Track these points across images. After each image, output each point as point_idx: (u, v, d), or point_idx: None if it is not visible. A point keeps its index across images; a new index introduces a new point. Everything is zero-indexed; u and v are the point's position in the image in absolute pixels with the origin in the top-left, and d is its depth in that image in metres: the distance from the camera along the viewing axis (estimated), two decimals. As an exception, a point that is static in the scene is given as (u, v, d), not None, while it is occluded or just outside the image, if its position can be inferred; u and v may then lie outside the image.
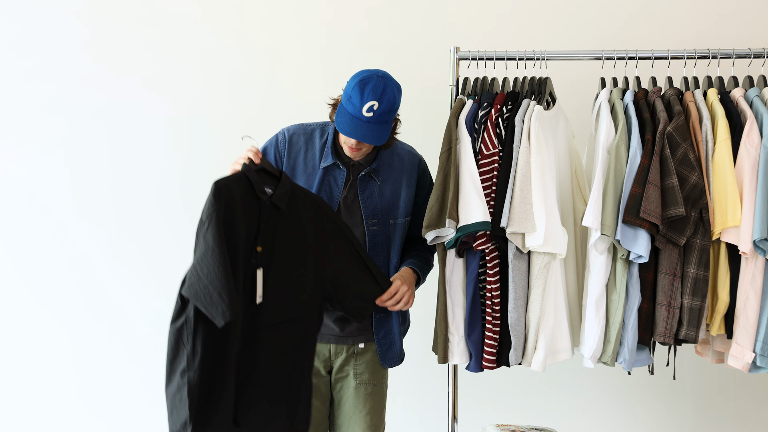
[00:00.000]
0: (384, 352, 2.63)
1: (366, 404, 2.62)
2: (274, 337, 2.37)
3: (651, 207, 2.45)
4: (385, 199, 2.61)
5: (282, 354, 2.38)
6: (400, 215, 2.62)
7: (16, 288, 3.60)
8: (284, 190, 2.40)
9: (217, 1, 3.57)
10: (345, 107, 2.42)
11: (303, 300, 2.41)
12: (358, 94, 2.38)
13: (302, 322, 2.41)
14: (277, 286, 2.38)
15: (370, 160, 2.60)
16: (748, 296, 2.52)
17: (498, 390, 3.53)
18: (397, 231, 2.63)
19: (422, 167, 2.71)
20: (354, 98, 2.39)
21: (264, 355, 2.36)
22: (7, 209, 3.59)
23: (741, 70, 2.78)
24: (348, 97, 2.42)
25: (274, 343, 2.37)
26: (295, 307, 2.40)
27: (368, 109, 2.38)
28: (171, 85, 3.57)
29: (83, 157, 3.57)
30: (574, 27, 3.49)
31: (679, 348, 2.87)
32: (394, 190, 2.62)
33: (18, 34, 3.58)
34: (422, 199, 2.66)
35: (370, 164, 2.60)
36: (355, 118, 2.40)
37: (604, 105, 2.65)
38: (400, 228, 2.63)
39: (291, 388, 2.40)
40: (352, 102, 2.40)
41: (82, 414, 3.61)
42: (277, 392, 2.38)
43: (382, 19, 3.53)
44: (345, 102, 2.43)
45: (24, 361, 3.61)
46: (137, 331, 3.59)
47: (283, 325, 2.39)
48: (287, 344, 2.39)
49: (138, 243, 3.58)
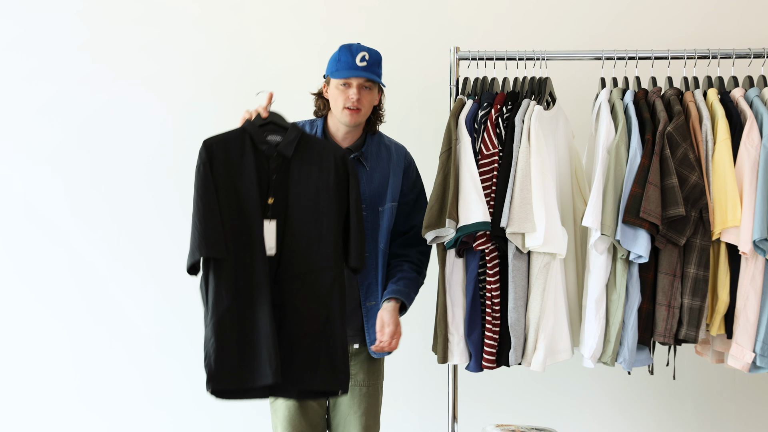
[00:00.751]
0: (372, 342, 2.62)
1: (361, 405, 2.62)
2: (298, 288, 2.40)
3: (651, 207, 2.45)
4: (374, 186, 2.63)
5: (310, 305, 2.40)
6: (387, 200, 2.64)
7: (14, 288, 3.60)
8: (290, 139, 2.44)
9: (215, 2, 3.57)
10: (337, 67, 2.57)
11: (324, 249, 2.41)
12: (347, 51, 2.57)
13: (328, 271, 2.41)
14: (295, 237, 2.41)
15: (359, 146, 2.64)
16: (748, 296, 2.52)
17: (498, 390, 3.52)
18: (385, 217, 2.64)
19: (408, 159, 2.74)
20: (344, 56, 2.57)
21: (292, 307, 2.40)
22: (6, 210, 3.58)
23: (741, 70, 2.78)
24: (337, 60, 2.58)
25: (299, 294, 2.40)
26: (316, 257, 2.41)
27: (361, 59, 2.55)
28: (169, 85, 3.56)
29: (83, 157, 3.57)
30: (575, 27, 3.49)
31: (679, 348, 2.87)
32: (383, 177, 2.64)
33: (17, 34, 3.57)
34: (408, 188, 2.69)
35: (359, 149, 2.63)
36: (351, 68, 2.54)
37: (604, 105, 2.65)
38: (388, 213, 2.64)
39: (324, 338, 2.41)
40: (343, 60, 2.56)
41: (82, 414, 3.61)
42: (312, 344, 2.40)
43: (381, 18, 3.53)
44: (335, 66, 2.58)
45: (24, 361, 3.61)
46: (136, 331, 3.59)
47: (306, 276, 2.41)
48: (314, 294, 2.41)
49: (136, 243, 3.58)
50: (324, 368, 2.40)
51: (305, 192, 2.43)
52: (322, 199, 2.42)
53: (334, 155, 2.46)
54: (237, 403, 3.59)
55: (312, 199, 2.43)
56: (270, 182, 2.42)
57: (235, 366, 2.38)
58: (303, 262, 2.41)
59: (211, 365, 2.38)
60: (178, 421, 3.60)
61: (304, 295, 2.41)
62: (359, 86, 2.55)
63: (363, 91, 2.56)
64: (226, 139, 2.43)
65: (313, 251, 2.41)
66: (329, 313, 2.41)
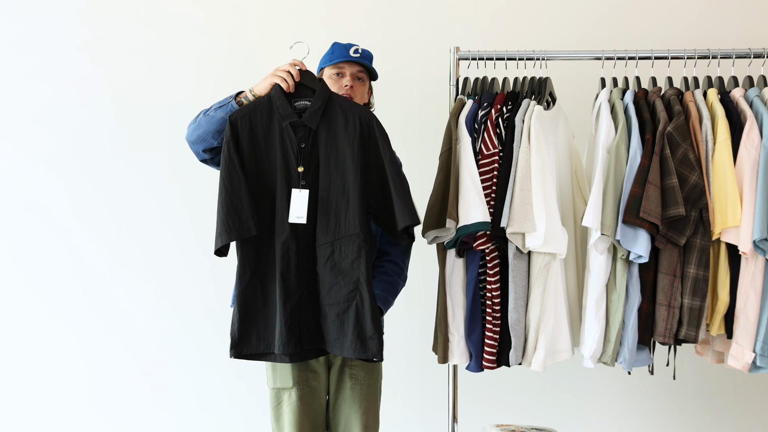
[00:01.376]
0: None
1: (362, 404, 2.62)
2: (329, 254, 2.44)
3: (651, 207, 2.45)
4: None
5: (341, 271, 2.43)
6: None
7: (17, 287, 3.60)
8: (314, 109, 2.45)
9: (215, 2, 3.58)
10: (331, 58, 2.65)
11: (351, 216, 2.43)
12: (341, 45, 2.66)
13: (354, 238, 2.42)
14: (325, 205, 2.44)
15: None
16: (748, 296, 2.52)
17: (498, 390, 3.53)
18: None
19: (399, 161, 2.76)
20: (337, 49, 2.66)
21: (324, 273, 2.44)
22: (7, 209, 3.59)
23: (741, 70, 2.78)
24: (330, 53, 2.67)
25: (330, 260, 2.44)
26: (344, 224, 2.43)
27: (354, 51, 2.64)
28: (169, 85, 3.57)
29: (82, 158, 3.57)
30: (575, 27, 3.49)
31: (679, 348, 2.87)
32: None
33: (18, 34, 3.58)
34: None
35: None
36: (345, 57, 2.63)
37: (604, 105, 2.65)
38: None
39: (354, 305, 2.43)
40: (337, 52, 2.65)
41: (84, 412, 3.61)
42: (341, 311, 2.44)
43: (381, 18, 3.54)
44: (328, 58, 2.66)
45: (26, 360, 3.61)
46: (139, 330, 3.59)
47: (336, 243, 2.44)
48: (344, 261, 2.43)
49: (138, 242, 3.58)
50: (353, 335, 2.43)
51: (333, 159, 2.45)
52: (349, 166, 2.44)
53: (360, 119, 2.46)
54: (240, 403, 3.59)
55: (340, 166, 2.45)
56: (299, 150, 2.44)
57: (255, 334, 2.46)
58: (332, 230, 2.44)
59: (234, 333, 2.46)
60: (180, 419, 3.60)
61: (333, 262, 2.44)
62: (352, 75, 2.63)
63: (356, 82, 2.64)
64: (252, 111, 2.45)
65: (341, 219, 2.44)
66: (356, 282, 2.43)
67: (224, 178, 2.41)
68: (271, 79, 2.48)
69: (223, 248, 2.44)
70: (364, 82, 2.67)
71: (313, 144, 2.46)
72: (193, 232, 3.57)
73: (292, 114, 2.44)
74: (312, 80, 2.49)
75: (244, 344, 2.46)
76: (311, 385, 2.59)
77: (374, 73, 2.70)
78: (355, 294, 2.43)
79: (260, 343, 2.46)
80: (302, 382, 2.58)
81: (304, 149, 2.45)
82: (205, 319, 3.57)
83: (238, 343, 2.46)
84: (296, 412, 2.57)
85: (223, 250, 2.45)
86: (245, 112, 2.45)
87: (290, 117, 2.44)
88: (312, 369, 2.59)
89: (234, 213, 2.39)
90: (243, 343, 2.46)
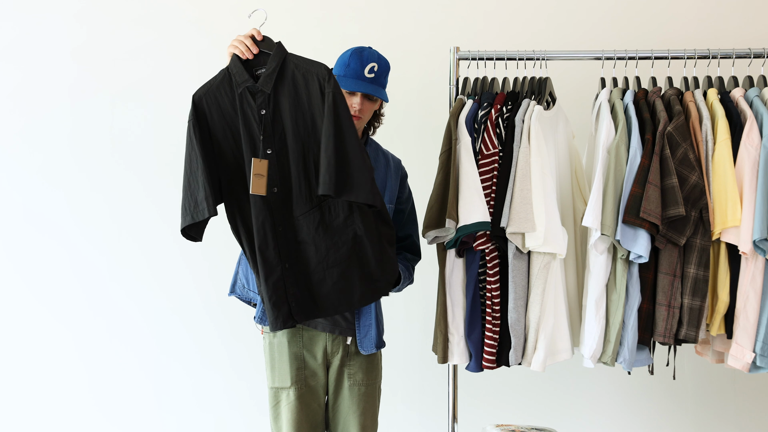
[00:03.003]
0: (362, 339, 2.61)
1: (360, 405, 2.62)
2: (315, 219, 2.38)
3: (651, 207, 2.45)
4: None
5: (335, 232, 2.38)
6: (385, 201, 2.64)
7: (16, 289, 3.60)
8: (268, 72, 2.36)
9: (213, 3, 3.57)
10: (345, 73, 2.55)
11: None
12: (358, 59, 2.54)
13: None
14: (299, 169, 2.37)
15: None
16: (748, 296, 2.52)
17: (498, 390, 3.53)
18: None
19: (404, 171, 2.76)
20: (354, 63, 2.54)
21: (318, 238, 2.38)
22: (6, 212, 3.59)
23: (741, 70, 2.78)
24: (346, 66, 2.55)
25: (318, 224, 2.38)
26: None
27: (370, 70, 2.54)
28: (168, 86, 3.56)
29: (82, 158, 3.57)
30: (575, 27, 3.49)
31: (679, 348, 2.87)
32: (380, 180, 2.64)
33: (13, 37, 3.57)
34: (404, 198, 2.72)
35: None
36: (358, 79, 2.53)
37: (604, 105, 2.65)
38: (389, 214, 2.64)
39: (355, 260, 2.40)
40: (352, 67, 2.54)
41: (84, 413, 3.61)
42: (343, 270, 2.39)
43: (379, 18, 3.53)
44: (343, 71, 2.55)
45: (26, 361, 3.61)
46: (139, 331, 3.59)
47: (324, 205, 2.38)
48: (335, 220, 2.38)
49: (138, 243, 3.58)
50: (362, 286, 2.40)
51: (302, 123, 2.37)
52: (317, 125, 2.35)
53: (317, 77, 2.34)
54: (239, 403, 3.59)
55: (306, 127, 2.37)
56: (260, 117, 2.36)
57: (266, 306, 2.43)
58: (315, 195, 2.37)
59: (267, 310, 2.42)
60: (180, 419, 3.60)
61: (325, 225, 2.38)
62: (363, 96, 2.56)
63: (365, 102, 2.57)
64: (212, 86, 2.39)
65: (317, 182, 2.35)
66: (353, 236, 2.39)
67: (185, 160, 2.36)
68: (229, 50, 2.41)
69: (190, 231, 2.39)
70: (375, 102, 2.60)
71: (275, 109, 2.36)
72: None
73: (247, 80, 2.35)
74: (268, 45, 2.39)
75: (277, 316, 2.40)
76: (310, 385, 2.59)
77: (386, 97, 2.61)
78: (355, 248, 2.38)
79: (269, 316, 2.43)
80: (300, 381, 2.58)
81: (265, 116, 2.36)
82: (205, 319, 3.57)
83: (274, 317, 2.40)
84: (294, 412, 2.57)
85: (192, 235, 2.40)
86: (206, 88, 2.39)
87: (246, 83, 2.35)
88: (311, 369, 2.59)
89: (191, 196, 2.34)
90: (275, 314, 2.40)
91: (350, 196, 2.29)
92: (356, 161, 2.29)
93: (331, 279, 2.41)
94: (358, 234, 2.39)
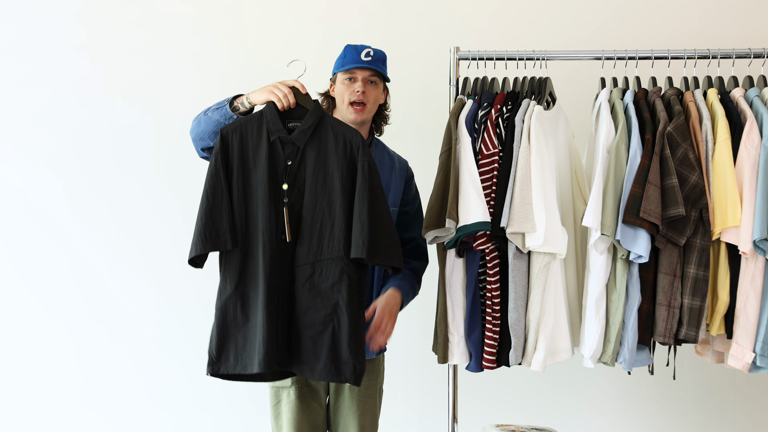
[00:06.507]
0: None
1: (360, 405, 2.63)
2: (308, 276, 2.40)
3: (651, 207, 2.45)
4: None
5: (316, 295, 2.40)
6: (390, 204, 2.65)
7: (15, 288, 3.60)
8: (305, 128, 2.42)
9: (212, 3, 3.57)
10: (343, 63, 2.60)
11: (335, 239, 2.39)
12: (352, 49, 2.60)
13: (338, 261, 2.39)
14: (309, 224, 2.41)
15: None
16: (748, 296, 2.52)
17: (498, 390, 3.52)
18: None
19: (410, 172, 2.76)
20: (349, 53, 2.60)
21: (299, 295, 2.40)
22: (5, 212, 3.59)
23: (741, 70, 2.78)
24: (343, 57, 2.62)
25: (308, 283, 2.40)
26: (327, 246, 2.40)
27: (366, 54, 2.59)
28: (167, 87, 3.57)
29: (81, 159, 3.57)
30: (575, 27, 3.49)
31: (679, 348, 2.87)
32: (384, 182, 2.64)
33: (14, 36, 3.57)
34: (409, 199, 2.72)
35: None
36: (356, 62, 2.58)
37: (604, 105, 2.65)
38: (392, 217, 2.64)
39: (329, 329, 2.39)
40: (349, 56, 2.60)
41: (83, 413, 3.61)
42: (316, 334, 2.39)
43: (380, 18, 3.54)
44: (341, 62, 2.62)
45: (24, 361, 3.61)
46: (137, 331, 3.59)
47: (316, 265, 2.40)
48: (321, 284, 2.40)
49: (136, 243, 3.58)
50: (327, 359, 2.38)
51: (321, 180, 2.42)
52: (337, 188, 2.40)
53: (350, 142, 2.43)
54: (238, 403, 3.59)
55: (327, 187, 2.41)
56: (285, 168, 2.42)
57: (233, 352, 2.41)
58: (314, 251, 2.40)
59: (212, 350, 2.43)
60: (179, 420, 3.60)
61: (312, 284, 2.40)
62: (364, 80, 2.58)
63: (368, 86, 2.59)
64: (244, 125, 2.44)
65: (324, 240, 2.40)
66: (335, 306, 2.39)
67: (208, 189, 2.40)
68: (267, 95, 2.44)
69: (197, 259, 2.41)
70: (377, 85, 2.62)
71: (300, 162, 2.42)
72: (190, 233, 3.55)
73: (282, 129, 2.41)
74: (307, 101, 2.46)
75: (221, 362, 2.41)
76: (310, 385, 2.59)
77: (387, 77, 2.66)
78: (332, 317, 2.39)
79: (237, 362, 2.41)
80: (301, 380, 2.58)
81: (291, 167, 2.42)
82: (203, 319, 3.55)
83: (215, 360, 2.42)
84: (295, 411, 2.57)
85: (197, 261, 2.42)
86: (237, 125, 2.44)
87: (279, 132, 2.41)
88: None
89: (213, 225, 2.38)
90: (220, 361, 2.41)
91: (382, 261, 2.38)
92: (388, 227, 2.41)
93: (305, 337, 2.40)
94: (340, 305, 2.39)
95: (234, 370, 2.40)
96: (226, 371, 2.41)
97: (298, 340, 2.41)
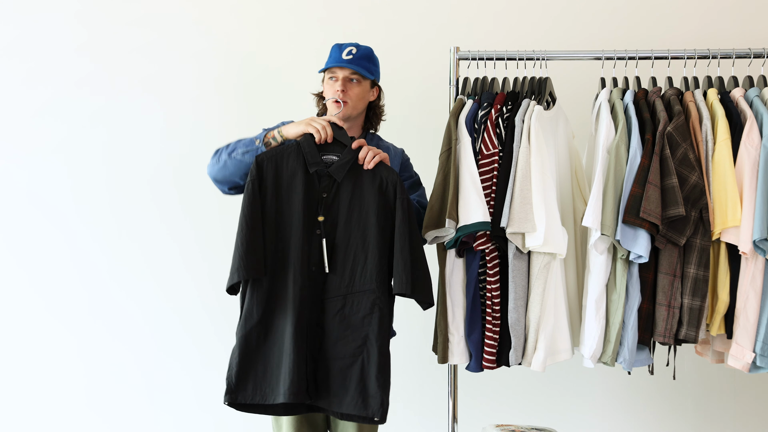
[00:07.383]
0: None
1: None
2: (339, 308, 2.42)
3: (651, 207, 2.45)
4: None
5: (346, 327, 2.41)
6: None
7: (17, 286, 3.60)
8: (342, 162, 2.45)
9: (214, 3, 3.57)
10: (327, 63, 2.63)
11: (368, 272, 2.42)
12: (337, 47, 2.64)
13: (369, 294, 2.41)
14: (342, 257, 2.43)
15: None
16: (748, 296, 2.52)
17: (498, 390, 3.52)
18: None
19: (405, 156, 2.76)
20: (333, 52, 2.64)
21: (329, 327, 2.42)
22: (8, 211, 3.59)
23: (741, 70, 2.78)
24: (328, 58, 2.65)
25: (338, 315, 2.42)
26: (359, 279, 2.42)
27: (347, 53, 2.61)
28: (168, 86, 3.57)
29: (82, 159, 3.57)
30: (575, 27, 3.49)
31: (679, 348, 2.87)
32: None
33: (15, 36, 3.58)
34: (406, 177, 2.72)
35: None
36: (336, 61, 2.60)
37: (604, 105, 2.65)
38: None
39: (358, 362, 2.41)
40: (332, 56, 2.63)
41: (83, 412, 3.61)
42: (345, 367, 2.41)
43: (380, 18, 3.54)
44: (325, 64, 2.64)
45: (25, 359, 3.61)
46: (139, 331, 3.59)
47: (349, 297, 2.42)
48: (352, 317, 2.42)
49: (138, 243, 3.58)
50: (355, 392, 2.39)
51: (356, 214, 2.45)
52: (371, 223, 2.44)
53: (386, 179, 2.47)
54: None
55: (362, 221, 2.44)
56: (321, 200, 2.44)
57: (252, 381, 2.41)
58: (347, 283, 2.43)
59: (231, 378, 2.41)
60: (180, 420, 3.60)
61: (343, 316, 2.42)
62: (344, 78, 2.60)
63: (348, 84, 2.60)
64: (279, 155, 2.46)
65: (357, 273, 2.43)
66: (365, 338, 2.41)
67: (247, 215, 2.40)
68: (304, 127, 2.47)
69: (235, 285, 2.41)
70: (360, 83, 2.61)
71: (335, 195, 2.45)
72: (192, 232, 3.57)
73: (320, 162, 2.44)
74: (344, 136, 2.49)
75: (239, 391, 2.41)
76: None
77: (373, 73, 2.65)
78: (362, 350, 2.41)
79: (256, 392, 2.41)
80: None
81: (326, 199, 2.44)
82: (205, 319, 3.57)
83: (234, 389, 2.40)
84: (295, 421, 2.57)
85: (236, 287, 2.42)
86: (272, 154, 2.46)
87: (318, 165, 2.44)
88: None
89: (253, 252, 2.37)
90: (239, 389, 2.41)
91: (418, 296, 2.44)
92: (424, 265, 2.47)
93: (334, 370, 2.42)
94: (370, 338, 2.41)
95: (252, 399, 2.41)
96: (243, 400, 2.41)
97: (327, 372, 2.42)
